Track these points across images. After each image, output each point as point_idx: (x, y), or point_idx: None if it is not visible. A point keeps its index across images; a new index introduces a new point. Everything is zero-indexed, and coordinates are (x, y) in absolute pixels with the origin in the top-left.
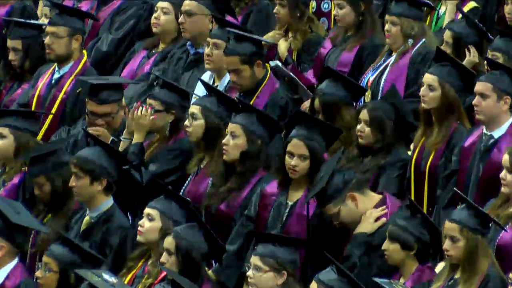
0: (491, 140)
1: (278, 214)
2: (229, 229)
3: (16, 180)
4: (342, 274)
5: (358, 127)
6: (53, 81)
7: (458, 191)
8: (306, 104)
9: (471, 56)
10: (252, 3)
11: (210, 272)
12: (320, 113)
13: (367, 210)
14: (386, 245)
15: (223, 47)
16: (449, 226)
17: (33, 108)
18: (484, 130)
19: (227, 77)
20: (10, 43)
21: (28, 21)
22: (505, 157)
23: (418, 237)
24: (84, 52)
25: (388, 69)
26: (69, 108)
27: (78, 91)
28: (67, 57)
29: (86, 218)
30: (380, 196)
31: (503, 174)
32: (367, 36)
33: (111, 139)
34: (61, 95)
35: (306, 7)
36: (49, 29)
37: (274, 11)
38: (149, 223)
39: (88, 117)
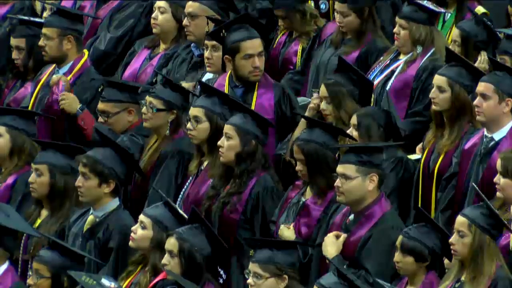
0: (492, 143)
1: (291, 212)
2: (233, 234)
3: (10, 180)
4: (343, 277)
5: (348, 131)
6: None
7: (477, 188)
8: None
9: (481, 62)
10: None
11: None
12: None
13: (363, 196)
14: (399, 257)
15: (221, 48)
16: (459, 220)
17: (29, 108)
18: (485, 132)
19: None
20: (13, 41)
21: (32, 19)
22: (498, 162)
23: (431, 248)
24: (85, 51)
25: (394, 77)
26: None
27: (100, 89)
28: (62, 58)
29: (91, 217)
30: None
31: (496, 178)
32: (367, 40)
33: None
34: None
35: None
36: (42, 30)
37: (279, 23)
38: (141, 231)
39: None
